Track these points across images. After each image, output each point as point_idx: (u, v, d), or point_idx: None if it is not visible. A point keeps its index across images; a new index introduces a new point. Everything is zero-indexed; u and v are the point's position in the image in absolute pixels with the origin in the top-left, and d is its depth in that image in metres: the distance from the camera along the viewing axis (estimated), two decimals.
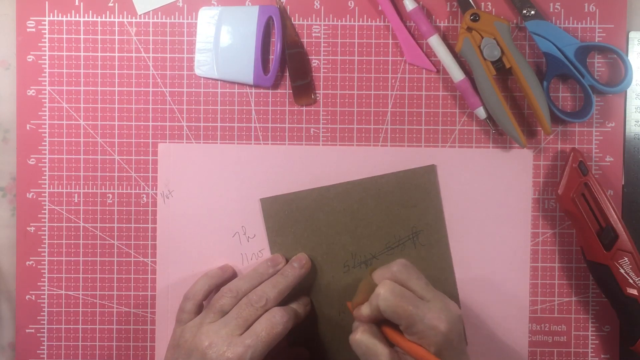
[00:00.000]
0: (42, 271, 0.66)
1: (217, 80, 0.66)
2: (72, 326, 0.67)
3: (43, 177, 0.66)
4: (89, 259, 0.66)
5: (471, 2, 0.64)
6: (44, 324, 0.67)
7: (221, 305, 0.60)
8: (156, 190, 0.66)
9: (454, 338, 0.57)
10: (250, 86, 0.66)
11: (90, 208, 0.66)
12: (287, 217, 0.66)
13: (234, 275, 0.66)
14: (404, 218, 0.66)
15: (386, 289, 0.57)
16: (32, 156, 0.66)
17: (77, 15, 0.66)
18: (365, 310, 0.59)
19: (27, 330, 0.67)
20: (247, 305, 0.60)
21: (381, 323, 0.59)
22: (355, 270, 0.66)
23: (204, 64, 0.66)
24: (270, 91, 0.66)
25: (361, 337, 0.58)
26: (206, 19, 0.66)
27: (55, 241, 0.66)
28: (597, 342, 0.66)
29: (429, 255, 0.66)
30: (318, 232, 0.66)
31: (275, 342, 0.58)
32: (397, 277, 0.59)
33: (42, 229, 0.66)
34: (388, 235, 0.66)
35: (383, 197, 0.66)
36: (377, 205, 0.66)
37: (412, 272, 0.60)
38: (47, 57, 0.66)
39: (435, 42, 0.64)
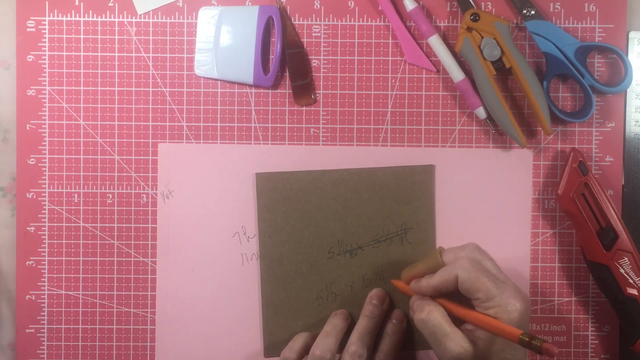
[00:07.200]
0: (42, 271, 0.66)
1: (217, 80, 0.66)
2: (72, 326, 0.67)
3: (43, 177, 0.66)
4: (89, 259, 0.66)
5: (471, 2, 0.64)
6: (44, 324, 0.67)
7: None
8: (156, 190, 0.66)
9: (525, 323, 0.55)
10: (250, 86, 0.66)
11: (90, 208, 0.66)
12: (279, 195, 0.65)
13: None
14: (396, 213, 0.66)
15: (466, 261, 0.56)
16: (32, 156, 0.66)
17: (77, 15, 0.66)
18: (433, 280, 0.57)
19: (27, 330, 0.67)
20: None
21: (440, 299, 0.58)
22: (339, 258, 0.65)
23: (204, 64, 0.66)
24: (270, 91, 0.66)
25: (428, 317, 0.57)
26: (206, 19, 0.66)
27: (55, 241, 0.66)
28: (597, 342, 0.66)
29: (414, 254, 0.65)
30: (308, 215, 0.65)
31: None
32: (472, 256, 0.57)
33: (42, 229, 0.66)
34: (377, 228, 0.66)
35: (378, 190, 0.66)
36: (371, 197, 0.66)
37: (484, 255, 0.58)
38: (47, 57, 0.66)
39: (435, 42, 0.64)
